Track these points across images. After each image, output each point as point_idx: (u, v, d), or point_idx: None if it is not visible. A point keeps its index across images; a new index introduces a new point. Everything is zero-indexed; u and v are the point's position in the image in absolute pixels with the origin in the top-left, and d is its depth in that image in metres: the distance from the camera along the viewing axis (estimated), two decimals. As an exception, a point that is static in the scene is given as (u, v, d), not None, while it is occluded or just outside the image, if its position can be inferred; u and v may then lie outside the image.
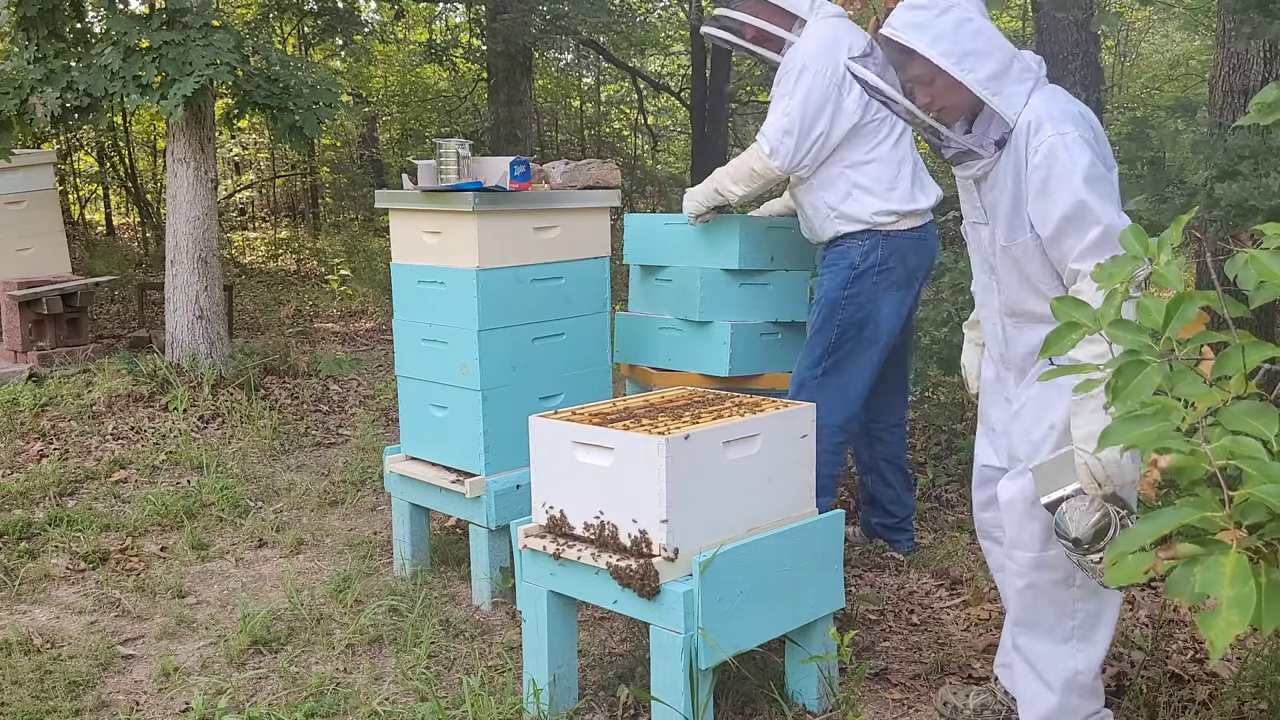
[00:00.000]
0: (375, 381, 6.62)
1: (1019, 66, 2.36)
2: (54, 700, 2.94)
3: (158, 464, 4.95)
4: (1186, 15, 11.29)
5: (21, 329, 6.65)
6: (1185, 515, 1.19)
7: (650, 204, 14.98)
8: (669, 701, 2.51)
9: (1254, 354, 1.30)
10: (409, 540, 3.75)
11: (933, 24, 2.33)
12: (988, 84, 2.33)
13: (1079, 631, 2.44)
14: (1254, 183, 3.63)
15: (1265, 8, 3.94)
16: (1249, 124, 1.95)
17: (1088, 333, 1.46)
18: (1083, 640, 2.44)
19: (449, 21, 15.81)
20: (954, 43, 2.32)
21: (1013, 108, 2.34)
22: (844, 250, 3.61)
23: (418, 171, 3.58)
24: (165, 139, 6.71)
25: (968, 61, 2.33)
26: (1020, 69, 2.36)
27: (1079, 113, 2.34)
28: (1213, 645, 1.10)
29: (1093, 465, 2.14)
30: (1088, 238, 2.25)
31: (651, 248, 4.04)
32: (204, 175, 6.12)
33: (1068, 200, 2.26)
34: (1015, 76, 2.35)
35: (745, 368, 3.86)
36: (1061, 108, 2.33)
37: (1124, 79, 13.89)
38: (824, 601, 2.80)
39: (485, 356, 3.37)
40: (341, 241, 12.76)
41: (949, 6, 2.34)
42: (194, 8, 5.73)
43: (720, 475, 2.58)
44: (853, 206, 3.58)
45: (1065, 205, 2.26)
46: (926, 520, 4.13)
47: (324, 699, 2.90)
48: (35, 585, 3.71)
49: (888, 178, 3.59)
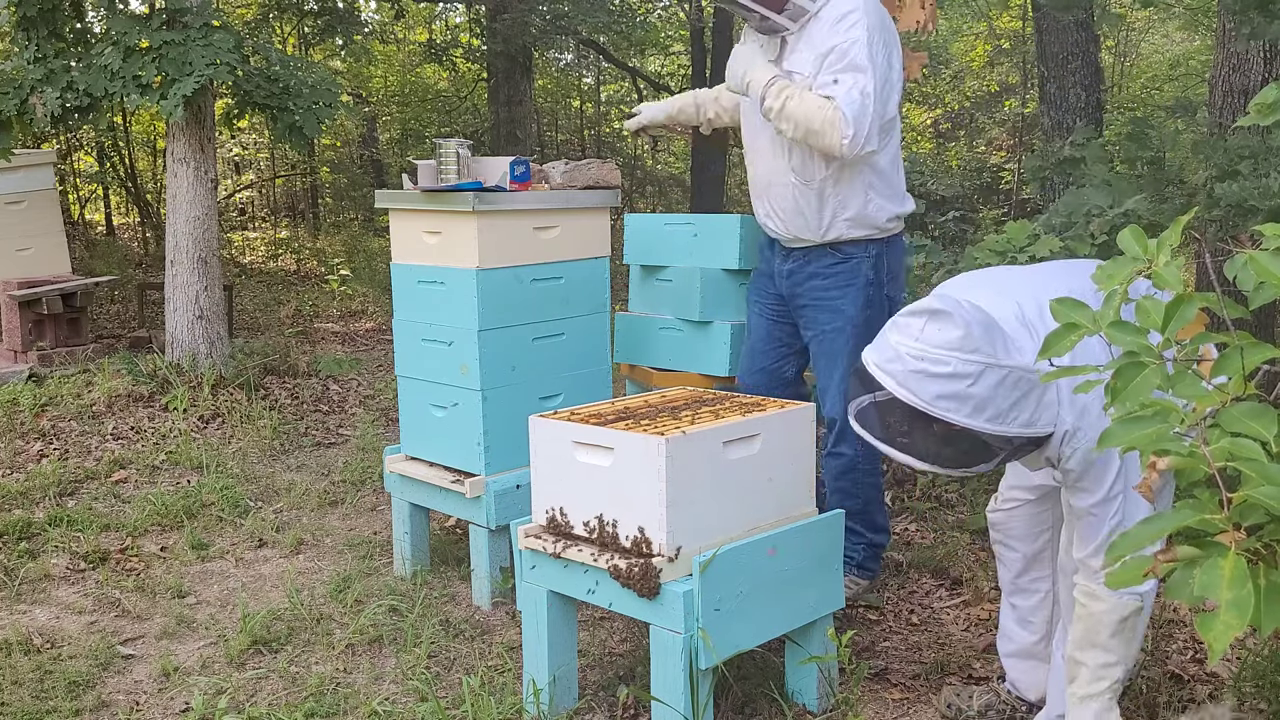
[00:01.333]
0: (375, 381, 6.62)
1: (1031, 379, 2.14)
2: (54, 700, 2.94)
3: (158, 464, 4.95)
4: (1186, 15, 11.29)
5: (21, 329, 6.65)
6: (1184, 517, 1.19)
7: (650, 204, 14.99)
8: (669, 701, 2.51)
9: (1253, 355, 1.30)
10: (409, 540, 3.75)
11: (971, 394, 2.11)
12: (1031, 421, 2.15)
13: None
14: (1254, 183, 3.63)
15: (1265, 8, 3.94)
16: (1249, 124, 1.95)
17: (1087, 333, 1.46)
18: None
19: (449, 21, 15.81)
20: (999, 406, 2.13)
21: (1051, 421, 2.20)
22: (854, 264, 3.31)
23: (418, 171, 3.58)
24: (165, 139, 6.71)
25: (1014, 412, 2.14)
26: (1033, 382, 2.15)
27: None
28: (1211, 648, 1.10)
29: None
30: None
31: (651, 248, 4.04)
32: (204, 175, 6.12)
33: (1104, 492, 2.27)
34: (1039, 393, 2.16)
35: (745, 368, 3.86)
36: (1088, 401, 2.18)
37: (1124, 79, 13.89)
38: (824, 601, 2.80)
39: (485, 356, 3.37)
40: (341, 241, 12.76)
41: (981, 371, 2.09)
42: (194, 8, 5.73)
43: (720, 475, 2.58)
44: (871, 211, 3.27)
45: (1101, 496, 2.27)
46: (927, 520, 4.13)
47: (324, 699, 2.90)
48: (35, 585, 3.71)
49: (898, 179, 3.36)
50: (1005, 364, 2.10)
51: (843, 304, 3.33)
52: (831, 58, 3.11)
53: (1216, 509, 1.19)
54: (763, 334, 3.56)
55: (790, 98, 3.11)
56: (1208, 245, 3.35)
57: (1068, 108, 6.69)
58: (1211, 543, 1.16)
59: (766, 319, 3.55)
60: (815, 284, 3.37)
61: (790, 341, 3.53)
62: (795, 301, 3.44)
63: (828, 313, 3.35)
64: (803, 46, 3.19)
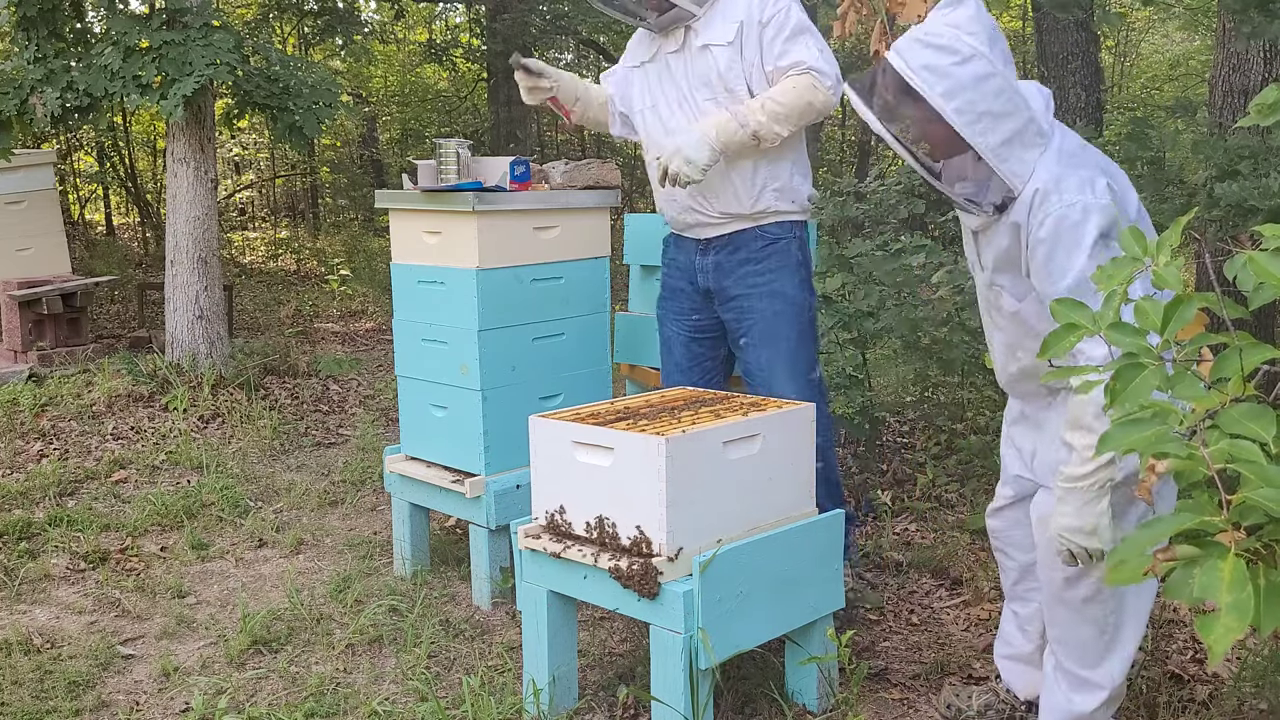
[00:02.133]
0: (375, 381, 6.62)
1: (1033, 130, 2.19)
2: (54, 700, 2.94)
3: (158, 464, 4.95)
4: (1186, 15, 11.29)
5: (21, 329, 6.65)
6: (1183, 519, 1.19)
7: (650, 204, 14.96)
8: (669, 701, 2.51)
9: (1252, 356, 1.30)
10: (409, 540, 3.75)
11: (952, 72, 2.13)
12: (999, 150, 2.17)
13: (1113, 645, 2.41)
14: (1254, 183, 3.62)
15: (1265, 8, 3.94)
16: (1249, 125, 1.95)
17: (1087, 334, 1.46)
18: (1118, 651, 2.41)
19: (449, 21, 15.81)
20: (972, 100, 2.14)
21: (1019, 176, 2.20)
22: (784, 245, 3.29)
23: (418, 171, 3.58)
24: (165, 139, 6.71)
25: (983, 123, 2.15)
26: (1034, 133, 2.19)
27: (1089, 177, 2.16)
28: (1212, 650, 1.10)
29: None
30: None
31: (651, 248, 4.03)
32: (204, 175, 6.12)
33: (1073, 277, 2.14)
34: (1029, 141, 2.19)
35: (745, 368, 3.85)
36: (1075, 175, 2.17)
37: (1124, 79, 13.89)
38: (824, 601, 2.80)
39: (485, 356, 3.37)
40: (341, 241, 12.76)
41: (972, 55, 2.14)
42: (194, 8, 5.74)
43: (720, 475, 2.58)
44: (795, 184, 3.28)
45: (1071, 280, 2.14)
46: (927, 520, 4.13)
47: (324, 699, 2.90)
48: (35, 585, 3.71)
49: (807, 161, 3.37)
50: (998, 67, 2.15)
51: (780, 285, 3.28)
52: (770, 31, 3.15)
53: (1216, 510, 1.19)
54: (683, 352, 3.47)
55: (763, 108, 3.11)
56: (1208, 245, 3.35)
57: (1068, 108, 6.69)
58: (1211, 543, 1.16)
59: (685, 335, 3.46)
60: (748, 269, 3.30)
61: (713, 354, 3.46)
62: (726, 294, 3.33)
63: (767, 298, 3.28)
64: (715, 20, 3.21)
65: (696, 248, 3.38)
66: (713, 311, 3.41)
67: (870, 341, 5.03)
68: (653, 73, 3.38)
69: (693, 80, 3.26)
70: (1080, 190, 2.15)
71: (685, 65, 3.28)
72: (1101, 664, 2.42)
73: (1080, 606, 2.40)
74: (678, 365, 3.49)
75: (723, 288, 3.34)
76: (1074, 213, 2.13)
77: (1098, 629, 2.40)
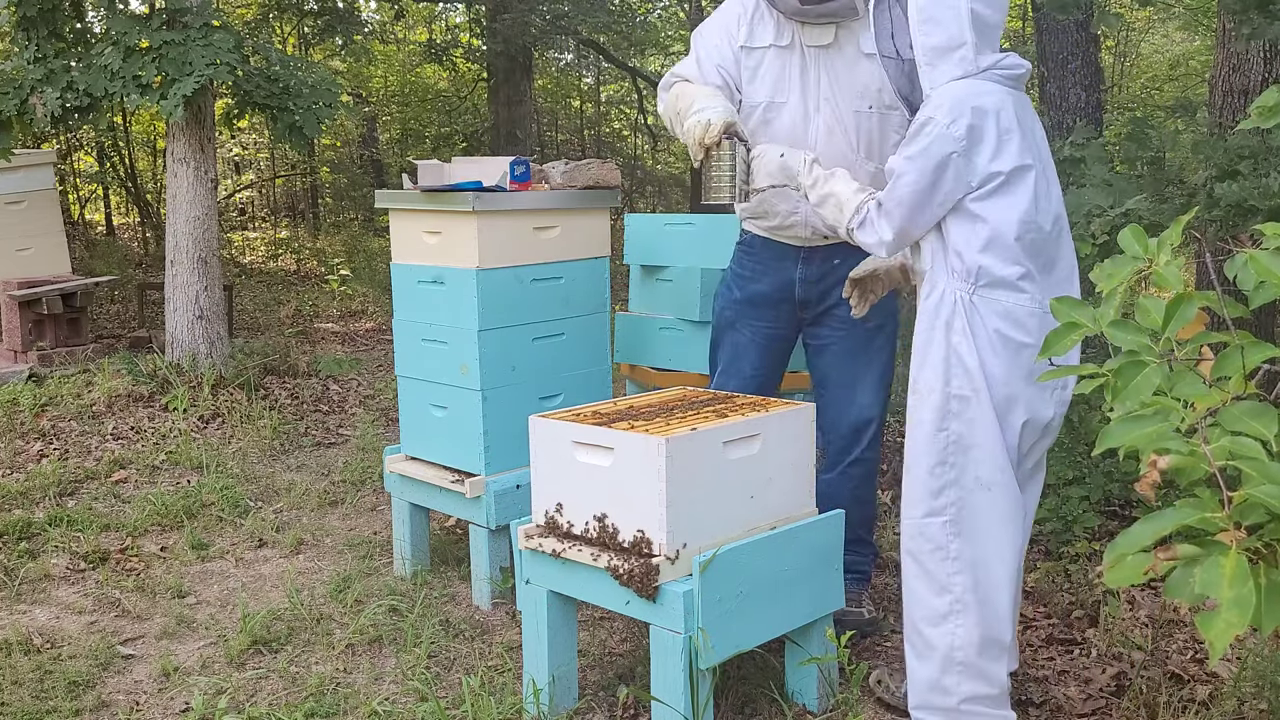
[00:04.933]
0: (375, 381, 6.62)
1: (961, 55, 2.42)
2: (54, 700, 2.94)
3: (158, 464, 4.95)
4: (1186, 15, 11.29)
5: (21, 329, 6.65)
6: (1185, 516, 1.19)
7: (650, 204, 14.99)
8: (669, 701, 2.51)
9: (1253, 354, 1.30)
10: (409, 540, 3.75)
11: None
12: (928, 53, 2.44)
13: (955, 606, 2.45)
14: (1254, 183, 3.62)
15: (1265, 8, 3.94)
16: (1250, 127, 1.95)
17: (1088, 332, 1.46)
18: (960, 615, 2.45)
19: (449, 21, 15.82)
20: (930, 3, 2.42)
21: (932, 83, 2.45)
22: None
23: (418, 171, 3.58)
24: (165, 139, 6.71)
25: (927, 26, 2.43)
26: (960, 58, 2.41)
27: (962, 110, 2.37)
28: (1212, 646, 1.10)
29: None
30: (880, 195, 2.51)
31: (651, 248, 4.04)
32: (204, 175, 6.12)
33: (890, 162, 2.48)
34: (954, 61, 2.42)
35: (745, 368, 3.85)
36: (955, 94, 2.38)
37: (1124, 79, 13.90)
38: (824, 601, 2.80)
39: (485, 356, 3.37)
40: (341, 241, 12.76)
41: None
42: (194, 8, 5.74)
43: (720, 475, 2.58)
44: None
45: (889, 165, 2.49)
46: (926, 520, 4.13)
47: (324, 699, 2.90)
48: (35, 585, 3.71)
49: None
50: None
51: (884, 299, 3.06)
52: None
53: (1217, 508, 1.19)
54: (755, 361, 3.24)
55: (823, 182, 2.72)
56: (1208, 245, 3.35)
57: (1068, 108, 6.69)
58: (1212, 541, 1.16)
59: (760, 343, 3.24)
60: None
61: (781, 362, 3.31)
62: (824, 303, 3.16)
63: (871, 309, 3.04)
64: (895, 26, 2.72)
65: (795, 257, 3.14)
66: (794, 322, 3.23)
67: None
68: (793, 64, 3.00)
69: (844, 85, 2.97)
70: (947, 113, 2.38)
71: (836, 66, 2.98)
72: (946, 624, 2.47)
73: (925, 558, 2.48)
74: (741, 372, 3.24)
75: (823, 297, 3.14)
76: (927, 124, 2.40)
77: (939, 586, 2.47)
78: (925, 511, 2.48)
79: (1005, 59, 2.46)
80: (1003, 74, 2.44)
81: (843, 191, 2.62)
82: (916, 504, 2.49)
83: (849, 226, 2.58)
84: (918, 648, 2.52)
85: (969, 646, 2.45)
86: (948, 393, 2.45)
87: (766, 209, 3.12)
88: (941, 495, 2.46)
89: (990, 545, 2.45)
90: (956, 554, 2.45)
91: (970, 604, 2.45)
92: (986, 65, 2.43)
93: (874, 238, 2.53)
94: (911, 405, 2.52)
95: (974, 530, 2.45)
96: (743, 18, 3.05)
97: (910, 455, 2.51)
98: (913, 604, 2.53)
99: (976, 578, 2.45)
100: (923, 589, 2.50)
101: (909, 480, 2.52)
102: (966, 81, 2.42)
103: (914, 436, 2.51)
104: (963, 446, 2.44)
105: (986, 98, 2.39)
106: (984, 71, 2.43)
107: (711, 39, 3.08)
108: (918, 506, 2.49)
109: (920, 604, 2.51)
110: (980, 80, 2.42)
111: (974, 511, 2.44)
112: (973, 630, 2.45)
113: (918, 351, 2.52)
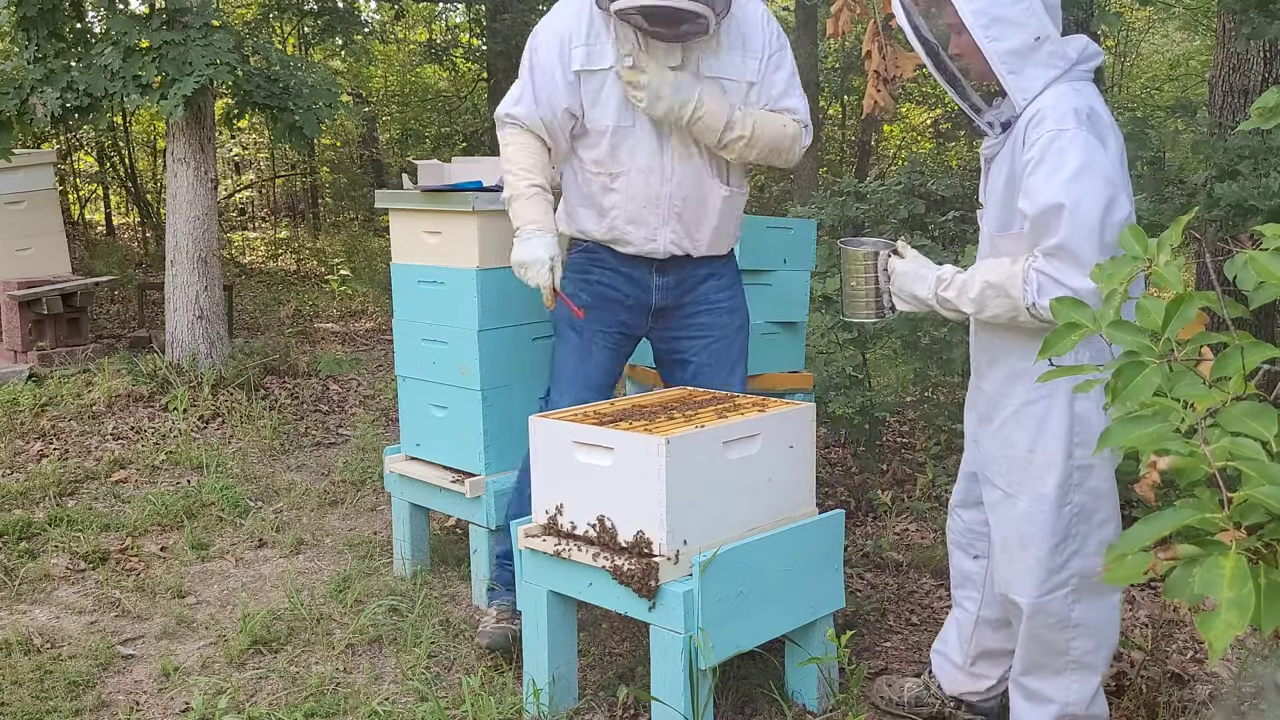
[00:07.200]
0: (375, 381, 6.62)
1: (1049, 50, 2.18)
2: (54, 700, 2.94)
3: (158, 464, 4.95)
4: (1186, 15, 11.29)
5: (21, 329, 6.65)
6: (1184, 516, 1.19)
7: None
8: (669, 701, 2.51)
9: (1253, 355, 1.30)
10: (409, 540, 3.75)
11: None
12: (1006, 58, 2.18)
13: (1071, 665, 2.40)
14: (1254, 183, 3.63)
15: (1265, 8, 3.94)
16: (1250, 129, 1.95)
17: (1088, 333, 1.46)
18: (1075, 672, 2.40)
19: (449, 21, 15.82)
20: (991, 3, 2.16)
21: (1024, 91, 2.20)
22: (729, 259, 3.19)
23: (418, 171, 3.58)
24: (165, 139, 6.72)
25: (996, 29, 2.17)
26: (1050, 53, 2.18)
27: (1089, 114, 2.16)
28: (1212, 647, 1.10)
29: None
30: (1045, 244, 2.14)
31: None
32: (204, 175, 6.12)
33: (1045, 199, 2.13)
34: (1041, 59, 2.18)
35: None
36: (1072, 104, 2.16)
37: (1124, 79, 13.90)
38: (824, 601, 2.80)
39: (485, 356, 3.37)
40: (341, 241, 12.76)
41: None
42: (194, 8, 5.74)
43: (720, 475, 2.58)
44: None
45: (1042, 203, 2.13)
46: (926, 520, 4.13)
47: (324, 699, 2.90)
48: (35, 585, 3.71)
49: None
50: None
51: (739, 301, 3.17)
52: (773, 62, 2.97)
53: (1217, 508, 1.19)
54: (604, 366, 3.15)
55: (755, 123, 2.91)
56: (1208, 245, 3.35)
57: (1068, 108, 6.68)
58: (1212, 541, 1.16)
59: (609, 349, 3.15)
60: (710, 285, 3.12)
61: (619, 369, 3.26)
62: (682, 312, 3.13)
63: (727, 314, 3.13)
64: (728, 46, 2.92)
65: (649, 267, 3.09)
66: (644, 327, 3.19)
67: (870, 341, 5.04)
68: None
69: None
70: (1077, 119, 2.14)
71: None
72: (1058, 678, 2.41)
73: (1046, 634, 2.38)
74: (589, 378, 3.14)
75: (680, 304, 3.12)
76: (1064, 137, 2.12)
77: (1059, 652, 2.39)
78: (1046, 590, 2.33)
79: (1086, 48, 2.25)
80: (1086, 68, 2.23)
81: (990, 274, 2.22)
82: (1035, 585, 2.33)
83: (1029, 304, 2.16)
84: (1028, 693, 2.45)
85: (1082, 702, 2.39)
86: (1070, 466, 2.27)
87: (618, 236, 3.03)
88: (1064, 569, 2.32)
89: (1112, 600, 2.37)
90: (1078, 620, 2.34)
91: (1088, 664, 2.38)
92: (1075, 58, 2.21)
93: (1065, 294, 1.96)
94: (1015, 476, 2.33)
95: (1096, 593, 2.33)
96: (577, 36, 2.92)
97: (1021, 532, 2.33)
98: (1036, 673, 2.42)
99: (1099, 640, 2.37)
100: (1037, 652, 2.39)
101: (1024, 559, 2.33)
102: (1072, 88, 2.18)
103: (1030, 513, 2.31)
104: (1086, 515, 2.29)
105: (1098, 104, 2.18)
106: (1073, 68, 2.21)
107: (544, 64, 2.96)
108: (1036, 587, 2.33)
109: (1034, 665, 2.42)
110: (1081, 84, 2.20)
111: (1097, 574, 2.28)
112: (1087, 685, 2.38)
113: (1025, 418, 2.30)
